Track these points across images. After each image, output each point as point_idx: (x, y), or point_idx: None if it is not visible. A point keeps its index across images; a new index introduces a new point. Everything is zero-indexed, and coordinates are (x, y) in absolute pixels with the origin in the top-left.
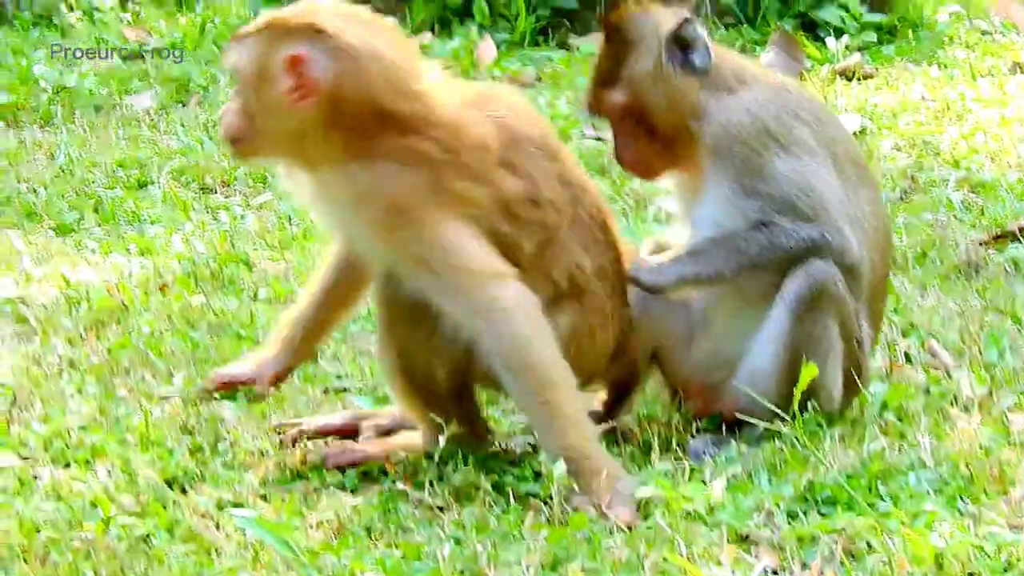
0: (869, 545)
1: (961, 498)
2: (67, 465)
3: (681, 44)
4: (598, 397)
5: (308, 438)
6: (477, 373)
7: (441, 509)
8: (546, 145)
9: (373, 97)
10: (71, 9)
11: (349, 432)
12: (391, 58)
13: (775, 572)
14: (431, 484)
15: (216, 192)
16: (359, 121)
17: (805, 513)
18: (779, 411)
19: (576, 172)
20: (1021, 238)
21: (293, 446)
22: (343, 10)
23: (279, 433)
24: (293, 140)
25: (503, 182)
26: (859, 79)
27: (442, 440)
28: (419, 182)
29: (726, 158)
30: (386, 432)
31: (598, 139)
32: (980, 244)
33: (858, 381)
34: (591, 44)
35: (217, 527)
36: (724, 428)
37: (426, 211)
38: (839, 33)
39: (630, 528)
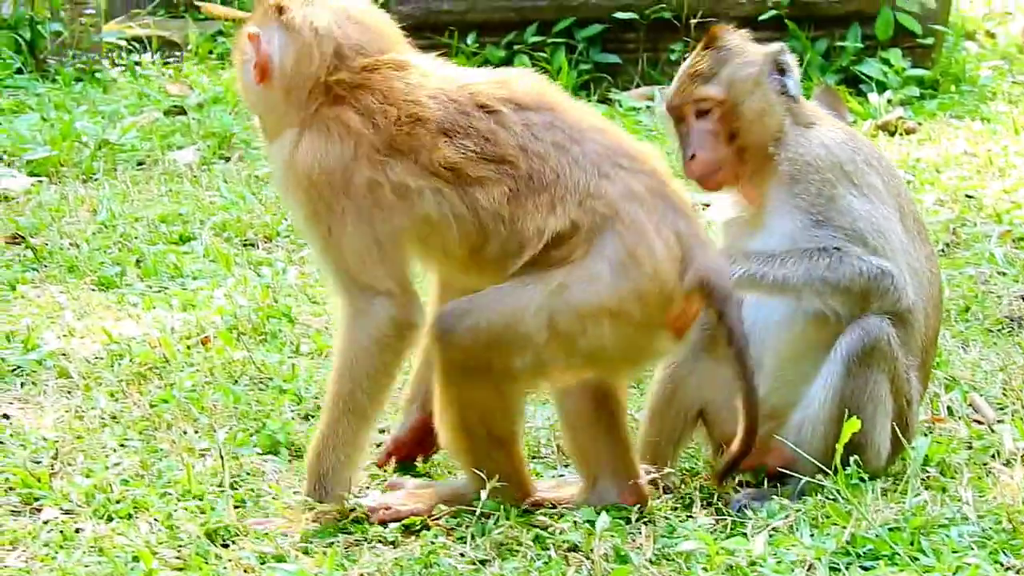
0: None
1: (1004, 552)
2: (109, 519)
3: (779, 67)
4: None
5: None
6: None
7: (483, 563)
8: (532, 102)
9: (315, 69)
10: (113, 64)
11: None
12: (342, 33)
13: None
14: (473, 538)
15: (258, 247)
16: (302, 93)
17: (847, 567)
18: (822, 465)
19: (574, 118)
20: None
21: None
22: None
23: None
24: (265, 114)
25: (440, 151)
26: (902, 134)
27: (484, 494)
28: (337, 153)
29: (800, 188)
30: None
31: None
32: (1023, 298)
33: (903, 438)
34: (633, 99)
35: None
36: (766, 482)
37: (334, 195)
38: (882, 88)
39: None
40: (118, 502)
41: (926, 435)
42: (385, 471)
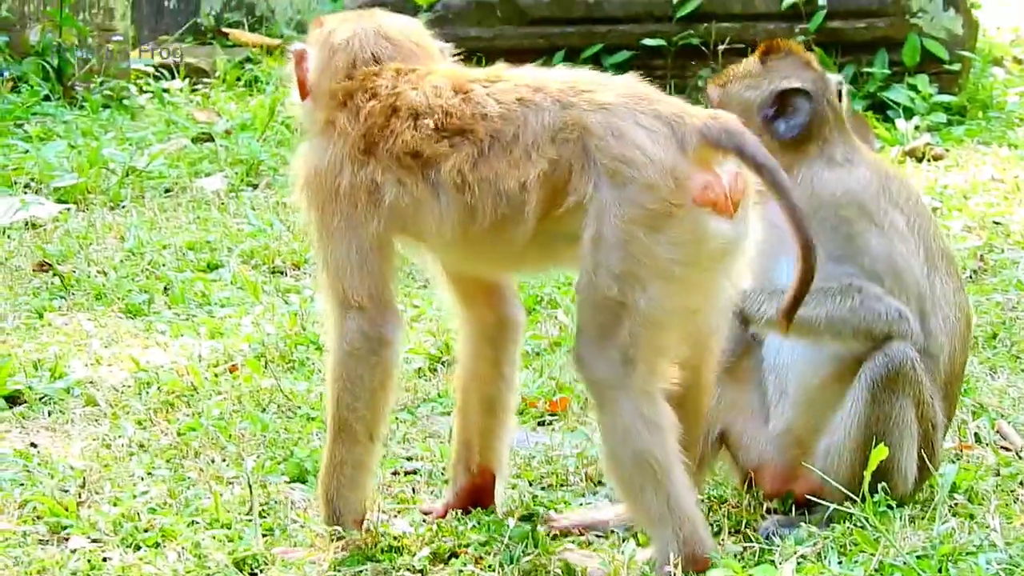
0: None
1: None
2: (137, 548)
3: (781, 104)
4: None
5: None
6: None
7: None
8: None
9: (331, 81)
10: (141, 91)
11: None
12: (360, 46)
13: None
14: (501, 566)
15: (286, 274)
16: (322, 104)
17: None
18: (850, 492)
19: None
20: None
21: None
22: (360, 14)
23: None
24: (307, 129)
25: (401, 137)
26: (929, 160)
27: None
28: (328, 155)
29: (817, 225)
30: None
31: None
32: None
33: (930, 464)
34: None
35: None
36: (794, 509)
37: (325, 200)
38: (909, 114)
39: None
40: (146, 531)
41: (954, 462)
42: (414, 500)
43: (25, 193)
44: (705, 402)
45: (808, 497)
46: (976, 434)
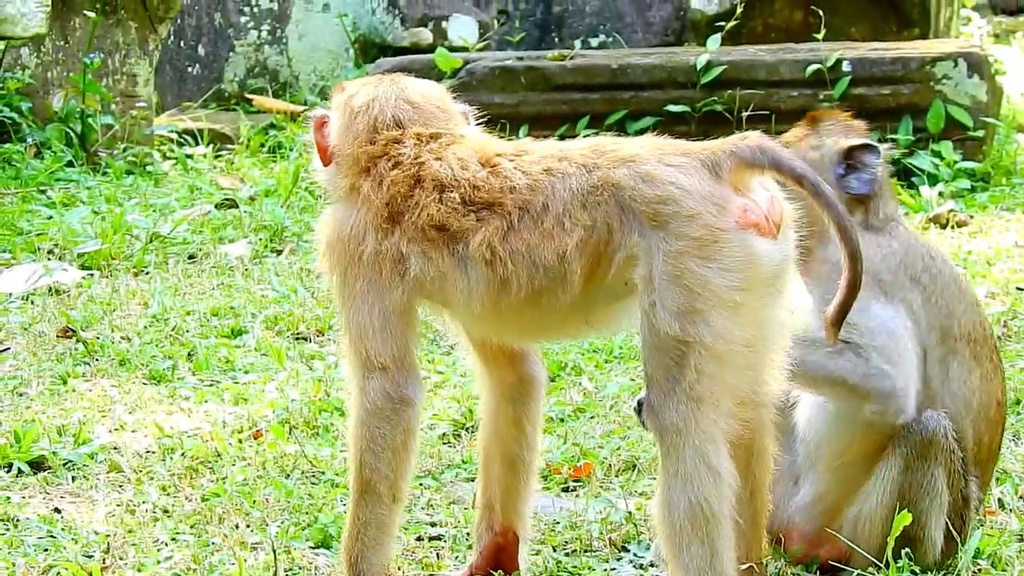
0: None
1: None
2: None
3: (851, 160)
4: None
5: None
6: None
7: None
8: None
9: (352, 146)
10: (164, 157)
11: None
12: (379, 110)
13: None
14: None
15: (310, 340)
16: (344, 169)
17: None
18: (876, 559)
19: (554, 153)
20: None
21: None
22: (380, 79)
23: None
24: (331, 194)
25: (427, 210)
26: (953, 227)
27: None
28: (351, 222)
29: (835, 286)
30: None
31: None
32: None
33: (957, 536)
34: None
35: None
36: (819, 573)
37: (348, 266)
38: (933, 180)
39: None
40: None
41: (977, 527)
42: (438, 566)
43: (49, 259)
44: (767, 462)
45: (832, 563)
46: (1000, 500)
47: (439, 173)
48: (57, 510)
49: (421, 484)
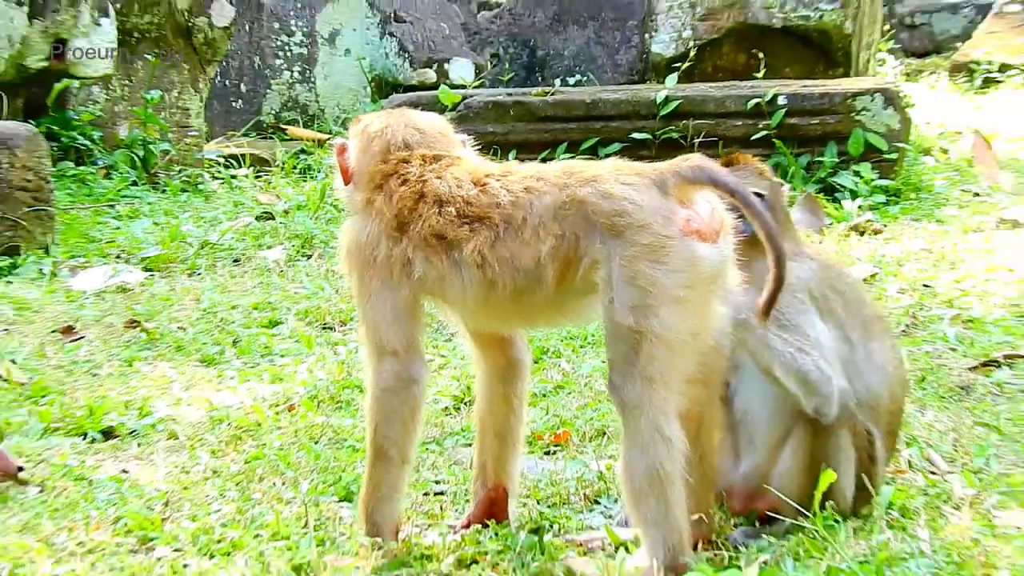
0: None
1: None
2: (211, 556)
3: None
4: None
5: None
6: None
7: None
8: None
9: (369, 165)
10: (213, 178)
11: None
12: (392, 133)
13: None
14: (514, 571)
15: (335, 330)
16: (362, 186)
17: None
18: (803, 509)
19: (533, 174)
20: (1004, 365)
21: None
22: (389, 112)
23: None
24: (349, 209)
25: (428, 221)
26: (870, 234)
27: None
28: (367, 232)
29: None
30: None
31: None
32: (970, 370)
33: (871, 487)
34: None
35: None
36: (758, 523)
37: (364, 268)
38: (854, 195)
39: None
40: (218, 542)
41: (889, 484)
42: (441, 516)
43: (117, 262)
44: (713, 431)
45: (768, 513)
46: (908, 461)
47: (439, 190)
48: (124, 471)
49: (427, 449)
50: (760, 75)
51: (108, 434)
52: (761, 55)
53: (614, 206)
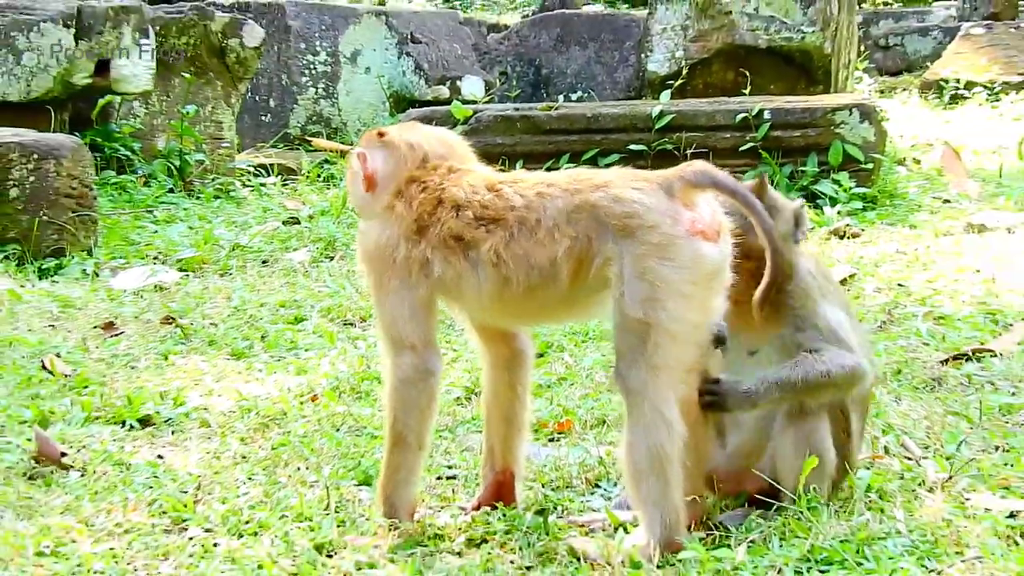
0: None
1: (928, 558)
2: (240, 536)
3: (797, 219)
4: None
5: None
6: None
7: (528, 569)
8: (530, 177)
9: (405, 172)
10: (244, 185)
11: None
12: (428, 145)
13: None
14: (520, 549)
15: (356, 326)
16: (388, 192)
17: (808, 571)
18: (789, 492)
19: (543, 180)
20: (973, 358)
21: None
22: (402, 125)
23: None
24: (367, 215)
25: (447, 224)
26: (849, 237)
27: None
28: (388, 235)
29: (790, 307)
30: None
31: None
32: (942, 363)
33: (848, 466)
34: None
35: None
36: (747, 504)
37: (384, 268)
38: (833, 202)
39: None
40: (247, 523)
41: (868, 468)
42: (453, 499)
43: (154, 263)
44: (708, 422)
45: (757, 496)
46: (885, 447)
47: (456, 196)
48: (160, 456)
49: (440, 436)
50: (747, 92)
51: (145, 422)
52: (748, 73)
53: (625, 208)
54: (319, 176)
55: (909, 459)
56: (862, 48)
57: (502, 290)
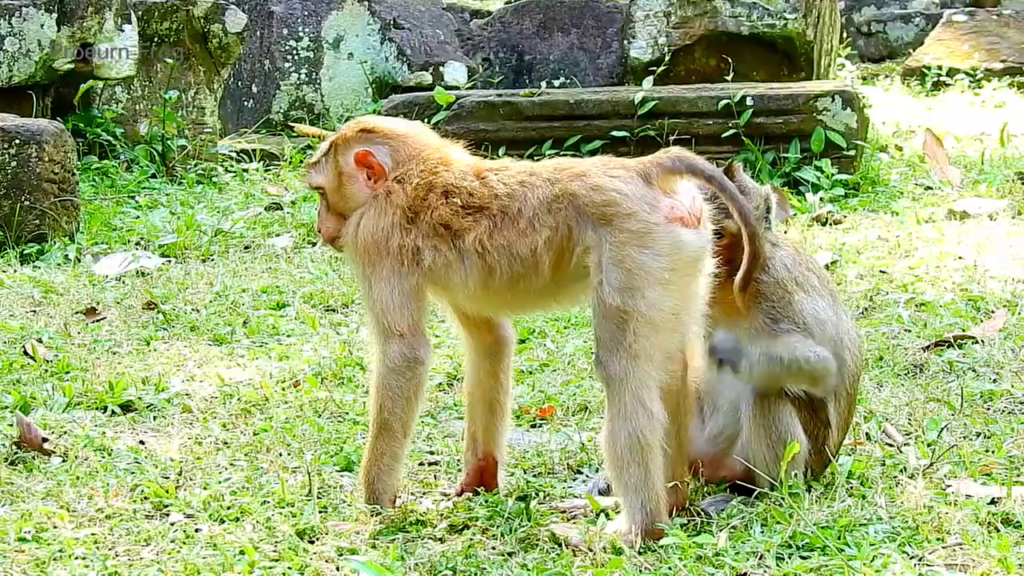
0: None
1: (909, 544)
2: (222, 521)
3: (767, 204)
4: None
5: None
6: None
7: (510, 555)
8: (515, 166)
9: (401, 159)
10: (226, 171)
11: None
12: (412, 135)
13: None
14: (502, 535)
15: (338, 311)
16: (384, 182)
17: (789, 556)
18: (770, 477)
19: (526, 169)
20: (954, 345)
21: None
22: (377, 118)
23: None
24: (356, 206)
25: (437, 211)
26: (831, 224)
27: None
28: (382, 223)
29: (766, 295)
30: None
31: None
32: (923, 350)
33: (830, 453)
34: None
35: (337, 569)
36: (728, 490)
37: (377, 256)
38: (816, 189)
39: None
40: (228, 508)
41: (849, 455)
42: (435, 484)
43: (136, 249)
44: (689, 405)
45: (737, 481)
46: (867, 433)
47: (448, 180)
48: (142, 442)
49: (422, 422)
50: (729, 78)
51: (127, 408)
52: (730, 60)
53: (604, 197)
54: (301, 162)
55: (891, 445)
56: (844, 35)
57: (487, 280)
